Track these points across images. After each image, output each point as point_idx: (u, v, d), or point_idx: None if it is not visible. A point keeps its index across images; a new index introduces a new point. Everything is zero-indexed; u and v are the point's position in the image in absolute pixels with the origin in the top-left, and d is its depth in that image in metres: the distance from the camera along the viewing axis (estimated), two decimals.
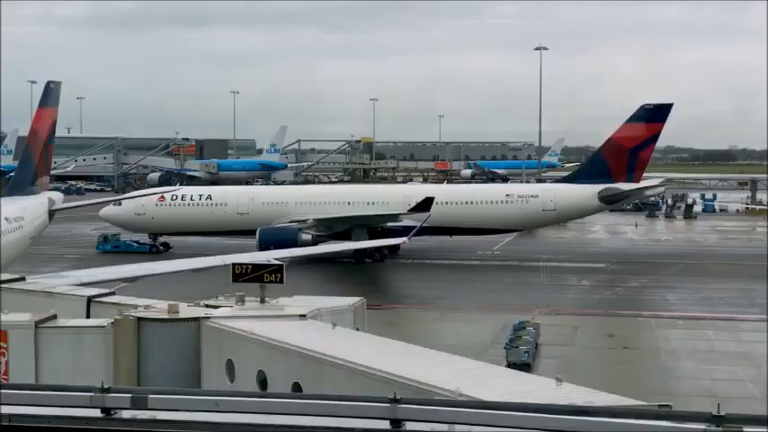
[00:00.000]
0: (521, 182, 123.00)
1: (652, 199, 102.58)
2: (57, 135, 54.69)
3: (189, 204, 71.09)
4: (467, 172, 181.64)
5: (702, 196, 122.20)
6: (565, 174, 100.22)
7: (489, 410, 6.59)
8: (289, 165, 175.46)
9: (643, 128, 70.11)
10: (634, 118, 70.95)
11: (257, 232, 64.23)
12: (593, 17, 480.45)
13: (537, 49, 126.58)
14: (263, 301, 15.50)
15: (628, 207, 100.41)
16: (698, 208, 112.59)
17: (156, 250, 70.04)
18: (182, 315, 14.50)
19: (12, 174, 66.45)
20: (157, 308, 15.00)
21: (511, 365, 32.50)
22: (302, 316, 14.60)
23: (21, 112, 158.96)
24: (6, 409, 6.41)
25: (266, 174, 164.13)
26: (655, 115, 70.63)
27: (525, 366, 33.61)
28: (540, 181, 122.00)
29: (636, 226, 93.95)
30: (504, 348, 36.01)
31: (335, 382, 11.71)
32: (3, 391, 6.74)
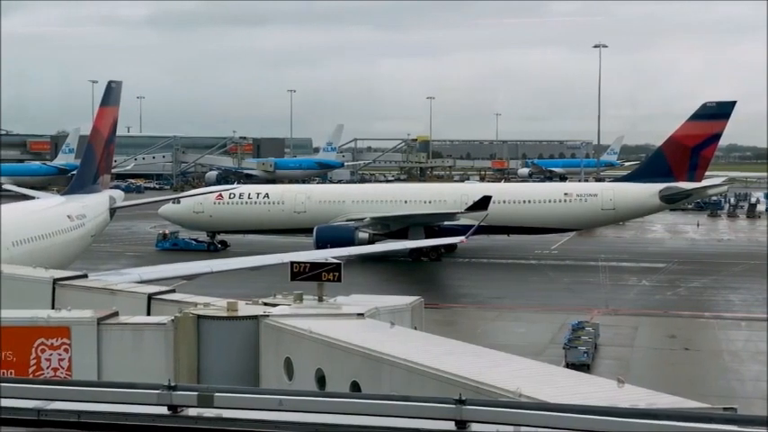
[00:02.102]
0: (579, 180, 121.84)
1: (714, 198, 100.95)
2: (117, 134, 55.42)
3: (246, 203, 71.59)
4: (524, 171, 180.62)
5: (766, 195, 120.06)
6: (624, 173, 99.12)
7: (553, 412, 6.50)
8: (345, 163, 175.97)
9: (705, 126, 69.06)
10: (696, 116, 69.93)
11: (314, 231, 64.46)
12: (654, 14, 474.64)
13: (596, 46, 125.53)
14: (320, 300, 15.49)
15: (689, 206, 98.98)
16: (761, 207, 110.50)
17: (214, 248, 70.66)
18: (241, 313, 14.55)
19: (74, 172, 67.54)
20: (217, 306, 15.07)
21: (570, 366, 32.20)
22: (360, 315, 14.56)
23: (82, 111, 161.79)
24: (75, 406, 6.47)
25: (323, 172, 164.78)
26: (717, 113, 69.54)
27: (584, 367, 33.26)
28: (598, 180, 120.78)
29: (697, 225, 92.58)
30: (563, 348, 35.68)
31: (394, 381, 11.64)
32: (71, 387, 6.80)
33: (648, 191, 69.84)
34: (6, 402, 6.50)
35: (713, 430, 6.27)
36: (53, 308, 17.30)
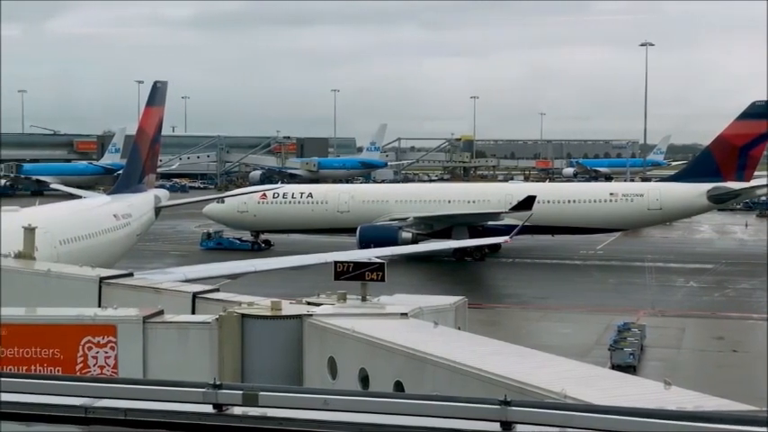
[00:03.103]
0: (625, 180, 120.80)
1: (763, 198, 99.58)
2: (162, 134, 55.90)
3: (290, 202, 71.88)
4: (569, 170, 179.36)
5: None
6: (671, 172, 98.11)
7: (600, 414, 6.42)
8: (389, 163, 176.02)
9: (754, 125, 68.15)
10: (745, 115, 69.02)
11: (357, 230, 64.54)
12: (702, 11, 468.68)
13: (643, 45, 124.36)
14: (364, 299, 15.48)
15: (737, 206, 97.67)
16: None
17: (258, 248, 71.02)
18: (284, 312, 14.58)
19: (120, 172, 68.27)
20: (261, 305, 15.12)
21: (615, 367, 31.92)
22: (404, 314, 14.53)
23: (128, 111, 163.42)
24: (122, 404, 6.51)
25: (366, 172, 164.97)
26: (766, 112, 68.53)
27: (630, 369, 32.92)
28: (644, 179, 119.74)
29: (746, 226, 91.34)
30: (609, 350, 35.39)
31: (437, 381, 11.60)
32: (118, 385, 6.86)
33: (696, 191, 69.04)
34: (55, 400, 6.57)
35: None
36: (99, 306, 17.48)
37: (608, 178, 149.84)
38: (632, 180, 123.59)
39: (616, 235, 76.44)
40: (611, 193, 71.71)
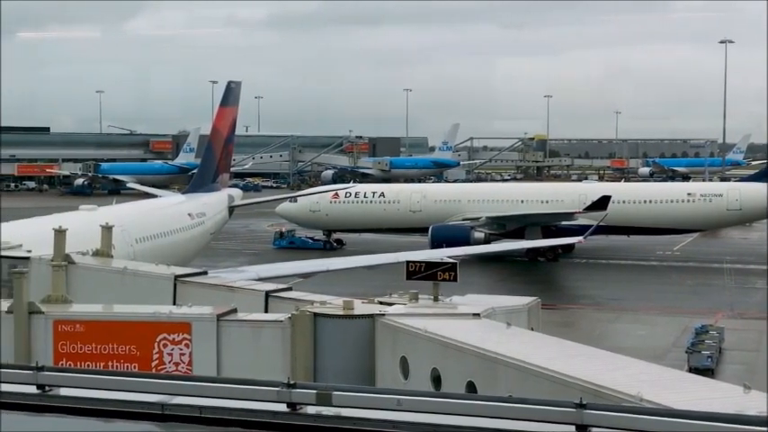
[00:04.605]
0: (703, 180, 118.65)
1: None
2: (236, 133, 56.49)
3: (362, 202, 72.10)
4: (645, 170, 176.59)
5: None
6: (750, 172, 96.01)
7: (678, 419, 6.28)
8: (461, 162, 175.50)
9: None
10: None
11: (429, 230, 64.45)
12: None
13: (722, 42, 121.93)
14: (436, 299, 15.44)
15: None
16: None
17: (330, 247, 71.38)
18: (357, 312, 14.62)
19: (194, 171, 69.23)
20: (333, 304, 15.18)
21: (693, 371, 31.33)
22: (476, 315, 14.46)
23: (203, 111, 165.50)
24: (197, 401, 6.58)
25: (438, 171, 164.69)
26: None
27: (708, 372, 32.33)
28: (723, 179, 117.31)
29: None
30: (686, 353, 34.84)
31: (510, 382, 11.52)
32: (194, 383, 6.93)
33: None
34: (133, 396, 6.66)
35: None
36: (174, 304, 17.72)
37: (685, 178, 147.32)
38: (711, 180, 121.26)
39: (694, 236, 75.07)
40: (688, 193, 70.49)
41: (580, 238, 47.23)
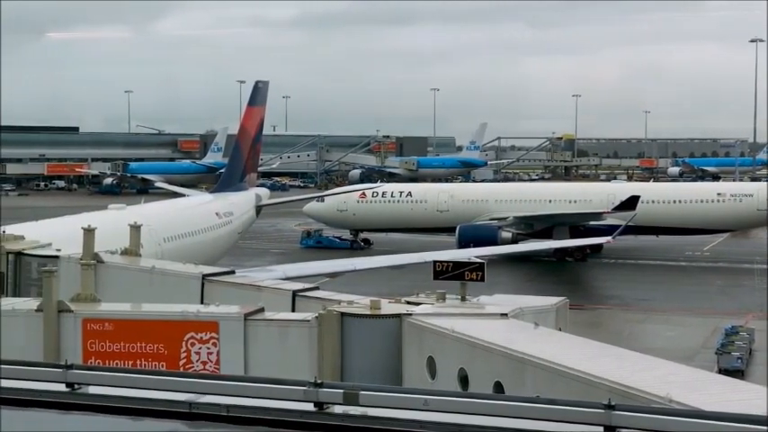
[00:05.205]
0: (733, 180, 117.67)
1: None
2: (263, 133, 56.66)
3: (389, 201, 72.11)
4: (674, 170, 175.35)
5: None
6: None
7: (708, 420, 6.21)
8: (488, 162, 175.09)
9: None
10: None
11: (457, 229, 64.33)
12: None
13: (752, 41, 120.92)
14: (463, 299, 15.40)
15: None
16: None
17: (358, 246, 71.43)
18: (384, 311, 14.61)
19: (222, 170, 69.51)
20: (360, 304, 15.18)
21: (722, 372, 31.05)
22: (503, 315, 14.41)
23: (230, 111, 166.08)
24: (225, 400, 6.60)
25: (466, 171, 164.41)
26: None
27: (738, 373, 32.05)
28: (754, 179, 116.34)
29: None
30: (716, 354, 34.56)
31: (538, 383, 11.46)
32: (221, 382, 6.95)
33: None
34: (161, 395, 6.68)
35: None
36: (202, 303, 17.79)
37: (715, 178, 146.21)
38: (741, 180, 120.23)
39: (724, 236, 74.46)
40: (718, 193, 69.92)
41: (609, 238, 46.98)
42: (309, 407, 6.49)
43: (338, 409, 6.47)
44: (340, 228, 74.35)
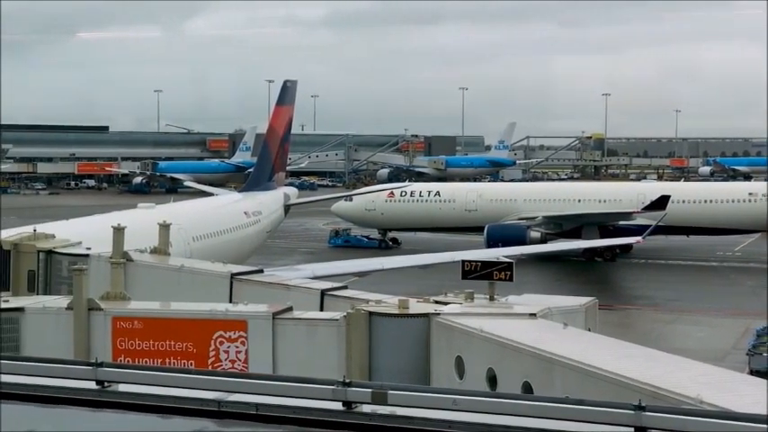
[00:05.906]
0: (765, 180, 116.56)
1: None
2: (292, 132, 56.77)
3: (417, 201, 72.05)
4: (705, 169, 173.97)
5: None
6: None
7: (739, 422, 6.15)
8: (517, 161, 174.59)
9: None
10: None
11: (485, 229, 64.14)
12: None
13: None
14: (492, 299, 15.35)
15: None
16: None
17: (386, 246, 71.41)
18: (412, 311, 14.59)
19: (251, 170, 69.72)
20: (388, 303, 15.18)
21: (754, 373, 30.73)
22: (532, 315, 14.36)
23: (259, 110, 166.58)
24: (253, 398, 6.61)
25: (494, 170, 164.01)
26: None
27: None
28: None
29: None
30: (747, 355, 34.17)
31: (567, 383, 11.40)
32: (250, 380, 6.97)
33: None
34: (190, 393, 6.71)
35: None
36: (230, 301, 17.85)
37: (747, 177, 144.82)
38: None
39: (755, 236, 73.75)
40: (750, 193, 69.25)
41: (639, 238, 46.64)
42: (338, 406, 6.50)
43: (366, 409, 6.46)
44: (368, 227, 74.37)
